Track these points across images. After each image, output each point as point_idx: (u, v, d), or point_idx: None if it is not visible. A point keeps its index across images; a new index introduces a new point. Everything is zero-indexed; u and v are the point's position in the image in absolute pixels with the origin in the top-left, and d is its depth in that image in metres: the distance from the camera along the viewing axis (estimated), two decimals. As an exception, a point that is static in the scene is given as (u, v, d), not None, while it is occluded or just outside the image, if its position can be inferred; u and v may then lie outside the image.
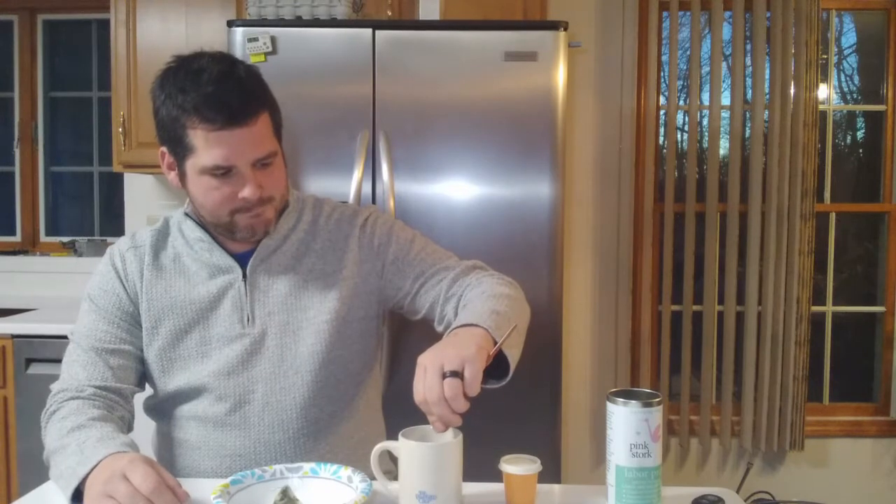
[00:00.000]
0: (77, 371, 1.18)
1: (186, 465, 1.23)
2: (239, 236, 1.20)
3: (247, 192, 1.12)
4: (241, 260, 1.23)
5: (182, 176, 1.17)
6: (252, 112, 1.10)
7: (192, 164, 1.13)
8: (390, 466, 1.14)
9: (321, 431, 1.23)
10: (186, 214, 1.24)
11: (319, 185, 2.03)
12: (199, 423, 1.21)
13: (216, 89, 1.08)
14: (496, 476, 1.06)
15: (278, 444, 1.20)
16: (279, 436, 1.20)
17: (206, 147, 1.10)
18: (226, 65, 1.12)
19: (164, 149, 1.18)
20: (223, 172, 1.12)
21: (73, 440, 1.05)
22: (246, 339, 1.21)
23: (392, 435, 1.09)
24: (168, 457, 1.26)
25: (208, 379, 1.20)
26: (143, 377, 1.27)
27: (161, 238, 1.26)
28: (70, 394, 1.15)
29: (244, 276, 1.22)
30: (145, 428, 1.33)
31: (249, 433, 1.20)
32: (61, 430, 1.08)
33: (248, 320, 1.21)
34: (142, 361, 1.24)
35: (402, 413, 1.24)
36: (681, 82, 2.96)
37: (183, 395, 1.22)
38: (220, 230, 1.20)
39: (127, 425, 1.19)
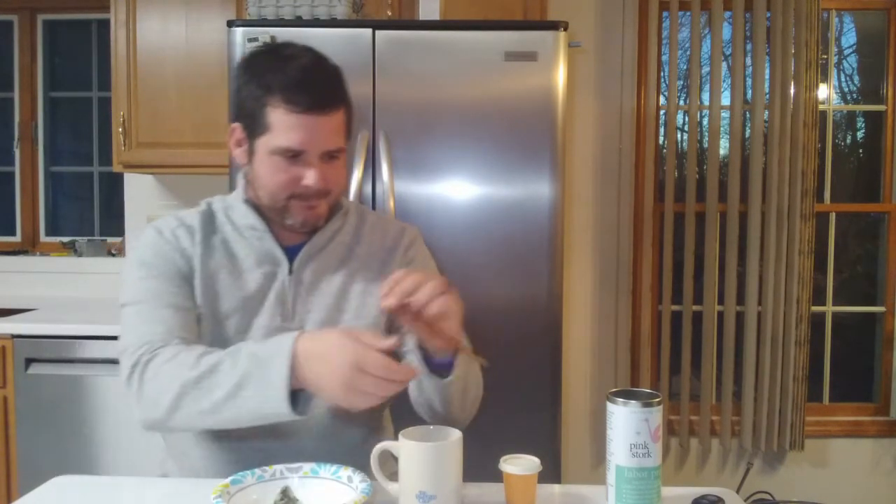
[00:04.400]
0: (154, 328, 1.12)
1: (204, 455, 1.21)
2: (290, 222, 1.20)
3: (310, 180, 1.14)
4: (289, 254, 1.23)
5: (251, 153, 1.18)
6: (334, 104, 1.14)
7: (264, 143, 1.14)
8: (396, 469, 1.14)
9: (343, 436, 1.23)
10: (246, 201, 1.23)
11: (319, 185, 2.03)
12: None
13: (306, 76, 1.12)
14: (496, 476, 1.06)
15: (300, 442, 1.20)
16: (303, 434, 1.20)
17: (284, 128, 1.12)
18: (316, 56, 1.17)
19: (236, 125, 1.20)
20: (292, 155, 1.14)
21: (224, 355, 1.01)
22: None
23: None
24: (182, 446, 1.23)
25: None
26: None
27: (208, 220, 1.25)
28: (158, 344, 1.09)
29: (289, 271, 1.22)
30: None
31: (274, 430, 1.18)
32: (185, 362, 1.03)
33: (289, 315, 1.21)
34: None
35: (403, 417, 1.24)
36: (681, 82, 2.96)
37: None
38: (273, 213, 1.21)
39: None
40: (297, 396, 0.99)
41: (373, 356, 0.94)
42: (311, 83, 1.12)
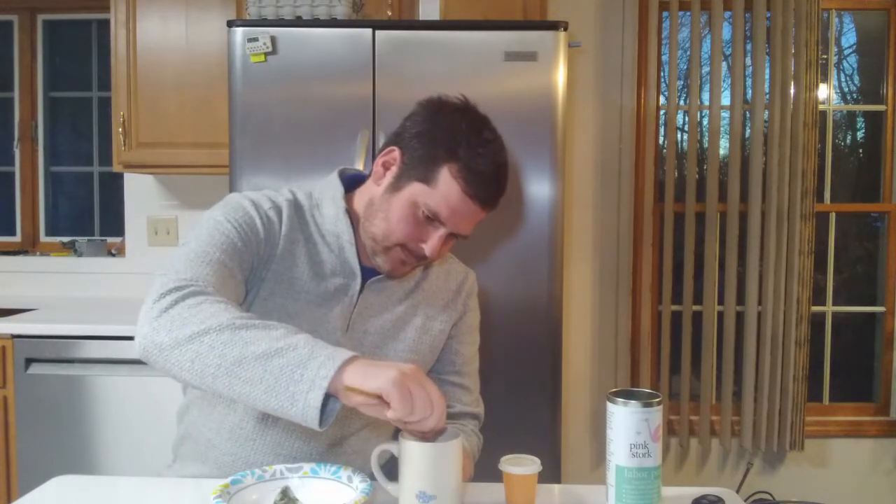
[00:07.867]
0: (207, 272, 1.04)
1: (234, 451, 1.19)
2: (378, 261, 1.17)
3: (427, 248, 1.14)
4: (363, 272, 1.21)
5: (393, 187, 1.14)
6: (493, 205, 1.16)
7: (416, 190, 1.12)
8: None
9: (363, 446, 1.24)
10: (347, 211, 1.20)
11: (319, 185, 2.03)
12: (261, 413, 1.16)
13: (496, 172, 1.13)
14: (496, 476, 1.06)
15: (323, 449, 1.20)
16: (325, 444, 1.20)
17: (446, 197, 1.11)
18: (506, 156, 1.17)
19: (399, 153, 1.15)
20: (430, 219, 1.12)
21: (280, 327, 0.96)
22: None
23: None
24: (214, 439, 1.20)
25: None
26: None
27: (298, 213, 1.21)
28: (210, 289, 1.02)
29: (360, 288, 1.21)
30: (169, 401, 1.32)
31: (309, 440, 1.19)
32: (234, 311, 0.97)
33: (347, 330, 1.19)
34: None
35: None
36: (681, 82, 2.96)
37: None
38: (371, 244, 1.17)
39: None
40: (325, 401, 0.92)
41: (430, 381, 0.93)
42: (495, 181, 1.13)
